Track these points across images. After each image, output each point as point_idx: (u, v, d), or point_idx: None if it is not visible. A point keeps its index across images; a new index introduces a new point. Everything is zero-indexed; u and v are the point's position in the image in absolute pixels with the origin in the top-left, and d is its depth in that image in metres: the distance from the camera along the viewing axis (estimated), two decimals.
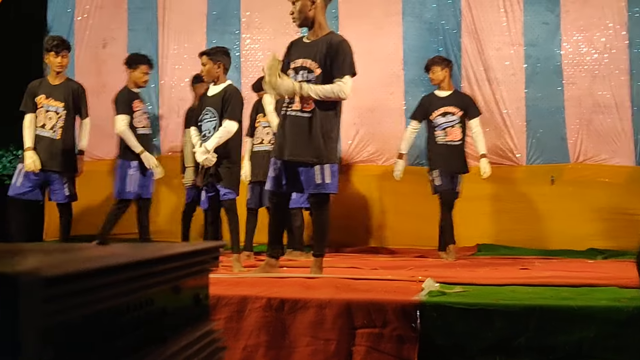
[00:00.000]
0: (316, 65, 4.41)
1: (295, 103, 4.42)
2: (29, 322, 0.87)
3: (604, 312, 2.89)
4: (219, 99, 5.29)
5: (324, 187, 4.41)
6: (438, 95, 6.52)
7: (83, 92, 6.25)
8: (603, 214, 6.97)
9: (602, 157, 7.10)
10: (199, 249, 1.57)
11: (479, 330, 2.94)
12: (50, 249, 1.48)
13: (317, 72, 4.40)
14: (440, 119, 6.40)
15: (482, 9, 7.45)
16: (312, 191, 4.45)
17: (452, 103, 6.42)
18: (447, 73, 6.51)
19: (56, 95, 6.03)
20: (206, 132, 5.32)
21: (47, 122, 5.97)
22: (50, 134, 5.97)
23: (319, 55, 4.42)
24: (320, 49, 4.43)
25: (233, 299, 3.24)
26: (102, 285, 1.07)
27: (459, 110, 6.40)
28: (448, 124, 6.38)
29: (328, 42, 4.44)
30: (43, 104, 6.00)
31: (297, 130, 4.40)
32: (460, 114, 6.39)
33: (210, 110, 5.33)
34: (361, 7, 7.71)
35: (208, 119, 5.33)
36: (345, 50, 4.44)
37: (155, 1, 8.17)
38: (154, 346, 1.31)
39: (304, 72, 4.44)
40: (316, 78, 4.39)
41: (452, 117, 6.38)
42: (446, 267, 5.36)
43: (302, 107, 4.40)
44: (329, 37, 4.49)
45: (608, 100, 7.11)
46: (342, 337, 3.05)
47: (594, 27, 7.21)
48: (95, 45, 8.30)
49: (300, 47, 4.57)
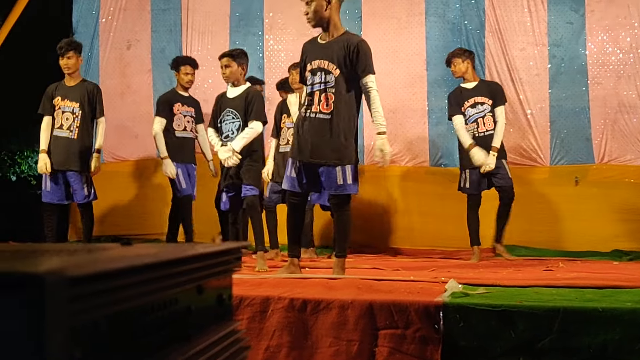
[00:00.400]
0: (334, 66, 4.41)
1: (315, 105, 4.43)
2: (54, 322, 0.88)
3: (630, 314, 2.85)
4: (242, 101, 5.32)
5: (345, 187, 4.42)
6: (466, 87, 6.40)
7: (98, 92, 6.34)
8: (628, 215, 6.90)
9: (628, 158, 7.02)
10: (222, 249, 1.58)
11: (502, 332, 2.92)
12: (75, 249, 1.49)
13: (336, 74, 4.40)
14: (470, 110, 6.28)
15: (506, 9, 7.41)
16: (333, 192, 4.46)
17: (480, 93, 6.30)
18: (469, 64, 6.39)
19: (71, 96, 6.15)
20: (228, 132, 5.35)
21: (64, 122, 6.11)
22: (68, 134, 6.10)
23: (337, 56, 4.41)
24: (337, 50, 4.42)
25: (256, 299, 3.25)
26: (127, 285, 1.08)
27: (488, 99, 6.27)
28: (479, 114, 6.25)
29: (346, 42, 4.42)
30: (60, 106, 6.17)
31: (318, 131, 4.41)
32: (491, 102, 6.26)
33: (232, 112, 5.36)
34: (384, 6, 7.70)
35: (230, 121, 5.36)
36: (367, 49, 4.44)
37: (179, 3, 8.22)
38: (178, 345, 1.32)
39: (322, 74, 4.44)
40: (335, 79, 4.39)
41: (482, 107, 6.25)
42: (469, 268, 5.34)
43: (321, 109, 4.41)
44: (346, 37, 4.47)
45: (634, 100, 7.04)
46: (365, 338, 3.05)
47: (619, 26, 7.14)
48: (120, 46, 8.36)
49: (316, 49, 4.55)
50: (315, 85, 4.46)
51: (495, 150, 6.12)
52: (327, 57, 4.45)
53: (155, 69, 8.26)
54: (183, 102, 6.55)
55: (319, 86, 4.43)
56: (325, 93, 4.41)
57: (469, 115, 6.27)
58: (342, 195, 4.46)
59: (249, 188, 5.27)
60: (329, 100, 4.39)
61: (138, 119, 8.19)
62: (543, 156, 7.22)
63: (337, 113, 4.38)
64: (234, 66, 5.39)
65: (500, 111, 6.25)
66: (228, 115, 5.38)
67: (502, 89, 6.50)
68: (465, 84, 6.40)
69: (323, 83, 4.41)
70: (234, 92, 5.44)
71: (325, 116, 4.40)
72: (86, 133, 6.19)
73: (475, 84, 6.37)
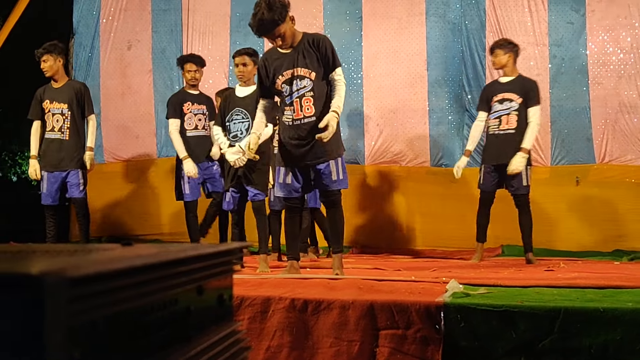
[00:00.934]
0: (308, 71, 4.44)
1: (297, 111, 4.47)
2: (54, 322, 0.88)
3: (631, 315, 2.85)
4: (253, 101, 5.18)
5: (339, 182, 4.50)
6: (500, 81, 6.16)
7: (86, 90, 6.36)
8: (629, 215, 6.90)
9: (628, 158, 7.02)
10: (223, 249, 1.58)
11: (503, 332, 2.92)
12: (75, 250, 1.49)
13: (312, 77, 4.44)
14: (497, 106, 6.03)
15: (507, 9, 7.41)
16: (328, 187, 4.51)
17: (512, 89, 6.00)
18: (512, 58, 6.08)
19: (59, 97, 6.18)
20: (237, 132, 5.31)
21: (55, 124, 6.14)
22: (59, 135, 6.14)
23: (309, 60, 4.44)
24: (306, 54, 4.45)
25: (257, 299, 3.25)
26: (127, 285, 1.08)
27: (518, 97, 5.95)
28: (504, 111, 5.98)
29: (311, 43, 4.46)
30: (49, 108, 6.20)
31: (307, 135, 4.44)
32: (520, 100, 5.94)
33: (242, 112, 5.32)
34: (385, 7, 7.70)
35: (240, 120, 5.32)
36: (329, 43, 4.49)
37: (179, 3, 8.22)
38: (179, 345, 1.32)
39: (297, 81, 4.46)
40: (312, 82, 4.43)
41: (509, 104, 5.96)
42: (470, 269, 5.34)
43: (305, 113, 4.45)
44: (307, 39, 4.50)
45: (634, 100, 7.04)
46: (366, 338, 3.05)
47: (620, 26, 7.14)
48: (120, 47, 8.37)
49: (282, 59, 4.52)
50: (294, 94, 4.47)
51: (526, 152, 5.84)
52: (297, 64, 4.47)
53: (155, 69, 8.26)
54: (193, 101, 6.52)
55: (297, 93, 4.46)
56: (304, 97, 4.45)
57: (494, 111, 6.04)
58: (334, 191, 4.52)
59: (256, 192, 5.25)
60: (309, 104, 4.44)
61: (139, 120, 8.19)
62: (544, 156, 7.22)
63: (320, 113, 4.41)
64: (250, 65, 5.37)
65: (533, 112, 5.93)
66: (237, 115, 5.34)
67: (537, 88, 6.09)
68: (503, 77, 6.16)
69: (301, 89, 4.45)
70: (244, 91, 5.40)
71: (310, 119, 4.44)
72: (77, 133, 6.20)
73: (511, 79, 6.08)
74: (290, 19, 4.41)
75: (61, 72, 6.30)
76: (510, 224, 6.93)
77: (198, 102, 6.55)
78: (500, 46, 6.10)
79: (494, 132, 6.02)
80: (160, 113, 8.13)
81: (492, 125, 6.05)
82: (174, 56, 8.17)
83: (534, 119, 5.91)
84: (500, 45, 6.11)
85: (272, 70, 4.55)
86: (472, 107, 7.44)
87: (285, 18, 4.34)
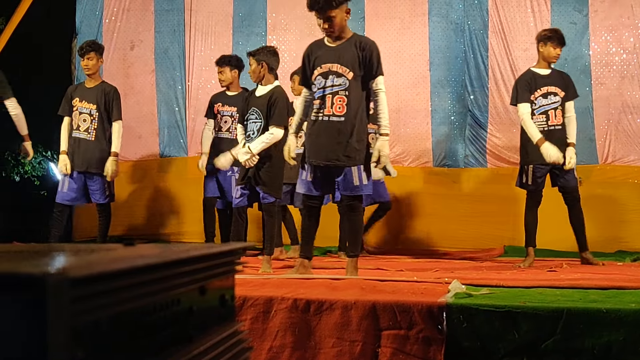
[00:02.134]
0: (347, 69, 4.40)
1: (327, 107, 4.43)
2: (57, 323, 0.88)
3: (634, 315, 2.85)
4: (266, 101, 5.19)
5: (360, 188, 4.42)
6: (538, 72, 5.83)
7: (115, 94, 6.30)
8: (632, 215, 6.89)
9: (631, 159, 7.02)
10: (225, 250, 1.58)
11: (506, 333, 2.92)
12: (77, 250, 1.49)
13: (349, 77, 4.39)
14: (541, 100, 5.72)
15: (509, 9, 7.41)
16: (349, 193, 4.45)
17: (555, 82, 5.75)
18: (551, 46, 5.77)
19: (89, 97, 6.15)
20: (250, 132, 5.22)
21: (81, 124, 6.12)
22: (85, 135, 6.11)
23: (350, 59, 4.40)
24: (350, 53, 4.41)
25: (259, 299, 3.25)
26: (129, 285, 1.08)
27: (561, 91, 5.73)
28: (550, 105, 5.70)
29: (358, 45, 4.42)
30: (77, 107, 6.17)
31: (332, 134, 4.40)
32: (563, 94, 5.73)
33: (256, 111, 5.23)
34: (387, 7, 7.69)
35: (253, 120, 5.24)
36: (378, 51, 4.46)
37: (182, 3, 8.22)
38: (181, 345, 1.32)
39: (333, 77, 4.43)
40: (348, 82, 4.38)
41: (554, 98, 5.71)
42: (472, 269, 5.33)
43: (335, 112, 4.40)
44: (357, 40, 4.47)
45: (637, 100, 7.04)
46: (368, 338, 3.05)
47: (623, 26, 7.13)
48: (123, 47, 8.37)
49: (325, 51, 4.52)
50: (327, 89, 4.43)
51: (574, 146, 5.68)
52: (339, 60, 4.43)
53: (158, 69, 8.26)
54: (224, 102, 6.54)
55: (331, 89, 4.42)
56: (337, 95, 4.40)
57: (539, 105, 5.72)
58: (355, 196, 4.46)
59: (266, 195, 5.17)
60: (342, 103, 4.39)
61: (141, 120, 8.20)
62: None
63: (350, 115, 4.38)
64: (254, 65, 5.29)
65: (572, 105, 5.77)
66: (252, 115, 5.25)
67: (573, 81, 5.90)
68: (538, 69, 5.86)
69: (335, 86, 4.40)
70: (261, 90, 5.32)
71: (339, 119, 4.39)
72: (103, 135, 6.17)
73: (549, 72, 5.81)
74: (346, 11, 4.43)
75: (98, 73, 6.32)
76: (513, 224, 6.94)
77: (230, 104, 6.55)
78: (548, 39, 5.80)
79: (543, 129, 5.66)
80: (162, 113, 8.14)
81: (539, 122, 5.71)
82: (176, 56, 8.19)
83: (573, 112, 5.76)
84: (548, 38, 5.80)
85: (314, 60, 4.53)
86: (475, 108, 7.44)
87: (341, 5, 4.37)
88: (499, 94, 7.32)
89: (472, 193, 7.35)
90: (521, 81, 5.86)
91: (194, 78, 8.15)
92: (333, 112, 4.40)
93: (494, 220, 7.03)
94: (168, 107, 8.20)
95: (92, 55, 6.19)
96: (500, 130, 7.35)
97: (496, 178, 7.27)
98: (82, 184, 6.13)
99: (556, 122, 5.69)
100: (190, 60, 8.18)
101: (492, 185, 7.21)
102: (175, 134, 8.14)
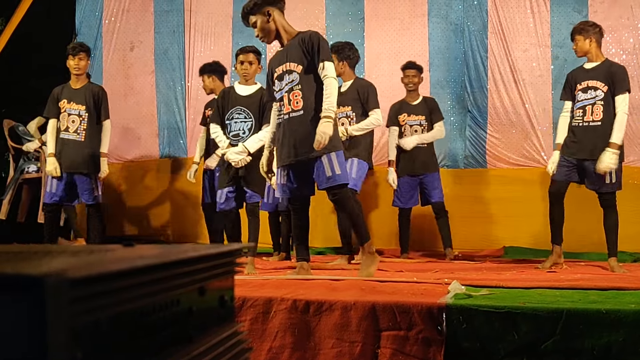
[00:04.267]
0: (295, 64, 4.44)
1: (286, 106, 4.46)
2: (56, 323, 0.88)
3: (634, 316, 2.85)
4: (256, 100, 5.16)
5: (334, 178, 4.35)
6: (585, 67, 5.61)
7: (104, 94, 6.32)
8: (632, 216, 6.87)
9: (631, 159, 7.01)
10: (225, 250, 1.58)
11: (505, 334, 2.91)
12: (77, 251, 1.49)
13: (299, 70, 4.43)
14: (581, 95, 5.51)
15: (509, 10, 7.41)
16: (325, 186, 4.39)
17: (597, 76, 5.46)
18: (594, 42, 5.51)
19: (77, 98, 6.13)
20: (239, 132, 5.17)
21: (70, 125, 6.09)
22: (75, 136, 6.08)
23: (296, 54, 4.45)
24: (294, 48, 4.47)
25: (259, 300, 3.25)
26: (128, 286, 1.08)
27: (604, 85, 5.42)
28: (589, 100, 5.46)
29: (300, 38, 4.47)
30: (66, 108, 6.14)
31: (295, 129, 4.41)
32: (606, 89, 5.41)
33: (244, 111, 5.19)
34: (387, 8, 7.70)
35: (242, 120, 5.18)
36: (321, 38, 4.45)
37: (182, 4, 8.23)
38: (180, 346, 1.31)
39: (286, 76, 4.48)
40: (299, 76, 4.42)
41: (594, 93, 5.44)
42: (472, 270, 5.33)
43: (293, 107, 4.43)
44: (300, 35, 4.52)
45: (637, 101, 7.03)
46: (367, 339, 3.05)
47: (622, 27, 7.13)
48: (123, 48, 8.38)
49: (277, 57, 4.62)
50: (283, 90, 4.49)
51: (616, 147, 5.33)
52: (287, 59, 4.49)
53: (158, 70, 8.27)
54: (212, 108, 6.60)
55: (286, 87, 4.47)
56: (293, 92, 4.43)
57: (578, 100, 5.52)
58: (335, 187, 4.38)
59: (253, 195, 5.16)
60: (298, 97, 4.41)
61: (141, 120, 8.20)
62: (546, 157, 7.21)
63: (309, 108, 4.39)
64: (255, 64, 5.33)
65: (621, 100, 5.36)
66: (239, 114, 5.20)
67: (625, 74, 5.50)
68: (587, 64, 5.61)
69: (289, 83, 4.45)
70: (246, 89, 5.29)
71: (298, 113, 4.41)
72: (93, 136, 6.17)
73: (595, 65, 5.53)
74: (266, 13, 4.51)
75: (84, 74, 6.31)
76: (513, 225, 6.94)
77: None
78: (578, 31, 5.57)
79: (578, 124, 5.50)
80: (162, 114, 8.14)
81: (575, 117, 5.54)
82: (176, 57, 8.19)
83: (621, 107, 5.36)
84: (579, 30, 5.57)
85: (271, 69, 4.62)
86: (474, 109, 7.44)
87: (259, 11, 4.53)
88: (498, 95, 7.32)
89: (472, 194, 7.35)
90: (567, 77, 5.76)
91: (193, 79, 8.16)
92: (292, 108, 4.43)
93: (494, 220, 7.03)
94: (168, 108, 8.21)
95: (83, 55, 6.20)
96: (500, 130, 7.35)
97: (496, 179, 7.27)
98: (70, 184, 6.12)
99: (592, 118, 5.43)
100: (189, 61, 8.19)
101: (492, 186, 7.21)
102: (174, 135, 8.14)
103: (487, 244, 7.01)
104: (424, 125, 6.66)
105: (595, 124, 5.42)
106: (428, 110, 6.69)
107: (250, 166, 5.05)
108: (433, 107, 6.71)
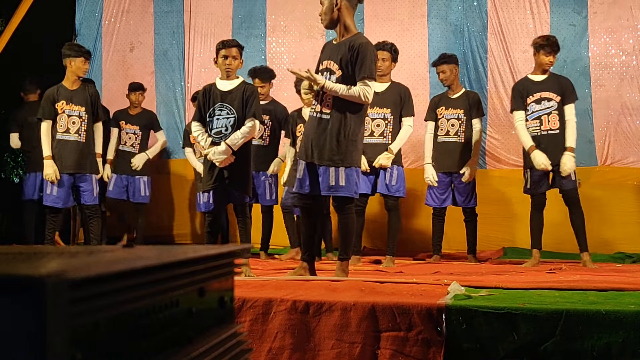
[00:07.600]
0: (337, 67, 4.42)
1: (317, 104, 4.46)
2: (55, 324, 0.88)
3: (633, 317, 2.85)
4: (238, 96, 4.96)
5: (336, 189, 4.37)
6: (533, 79, 5.94)
7: (98, 96, 6.38)
8: (631, 217, 6.89)
9: (630, 160, 7.01)
10: (224, 251, 1.58)
11: (505, 335, 2.92)
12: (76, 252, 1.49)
13: (338, 74, 4.41)
14: (534, 106, 5.82)
15: (508, 11, 7.41)
16: (325, 193, 4.42)
17: (549, 88, 5.82)
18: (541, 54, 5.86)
19: (76, 100, 6.07)
20: (221, 129, 4.92)
21: (71, 126, 6.00)
22: (76, 137, 6.01)
23: (341, 57, 4.41)
24: (342, 50, 4.43)
25: (258, 301, 3.25)
26: (128, 287, 1.08)
27: (556, 96, 5.79)
28: (544, 111, 5.78)
29: (350, 44, 4.41)
30: (65, 110, 6.03)
31: (317, 131, 4.42)
32: (559, 99, 5.78)
33: (226, 107, 4.95)
34: (387, 9, 7.70)
35: (225, 116, 4.95)
36: (366, 52, 4.37)
37: (181, 5, 8.23)
38: (180, 347, 1.31)
39: (327, 74, 4.46)
40: (337, 80, 4.40)
41: (548, 104, 5.78)
42: (472, 271, 5.33)
43: (322, 109, 4.42)
44: (352, 39, 4.45)
45: (636, 102, 7.04)
46: (367, 340, 3.05)
47: (622, 28, 7.14)
48: (122, 49, 8.38)
49: (328, 49, 4.59)
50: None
51: (572, 151, 5.70)
52: (333, 57, 4.47)
53: (157, 71, 8.27)
54: None
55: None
56: (326, 93, 4.40)
57: (532, 111, 5.83)
58: (339, 197, 4.42)
59: (243, 196, 4.98)
60: (329, 100, 4.39)
61: None
62: None
63: (337, 114, 4.37)
64: (238, 59, 5.07)
65: (570, 109, 5.79)
66: (222, 110, 4.96)
67: (572, 85, 5.93)
68: (533, 75, 5.96)
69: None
70: (227, 85, 5.04)
71: (326, 116, 4.40)
72: (91, 137, 6.16)
73: (545, 77, 5.89)
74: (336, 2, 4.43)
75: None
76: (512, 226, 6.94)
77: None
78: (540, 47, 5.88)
79: (537, 134, 5.80)
80: (162, 115, 8.13)
81: (532, 127, 5.83)
82: (175, 58, 8.20)
83: (572, 117, 5.78)
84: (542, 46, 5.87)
85: (320, 58, 4.62)
86: None
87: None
88: (497, 96, 7.32)
89: None
90: (515, 89, 6.03)
91: (193, 80, 8.16)
92: (322, 109, 4.43)
93: (493, 221, 7.02)
94: (167, 109, 8.21)
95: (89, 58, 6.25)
96: (499, 132, 7.35)
97: (495, 180, 7.27)
98: (71, 185, 6.05)
99: (550, 127, 5.78)
100: (189, 62, 8.19)
101: (491, 187, 7.20)
102: (174, 136, 8.13)
103: (487, 245, 7.01)
104: (462, 120, 6.39)
105: (554, 132, 5.78)
106: (468, 105, 6.42)
107: (235, 166, 4.89)
108: (473, 102, 6.45)
